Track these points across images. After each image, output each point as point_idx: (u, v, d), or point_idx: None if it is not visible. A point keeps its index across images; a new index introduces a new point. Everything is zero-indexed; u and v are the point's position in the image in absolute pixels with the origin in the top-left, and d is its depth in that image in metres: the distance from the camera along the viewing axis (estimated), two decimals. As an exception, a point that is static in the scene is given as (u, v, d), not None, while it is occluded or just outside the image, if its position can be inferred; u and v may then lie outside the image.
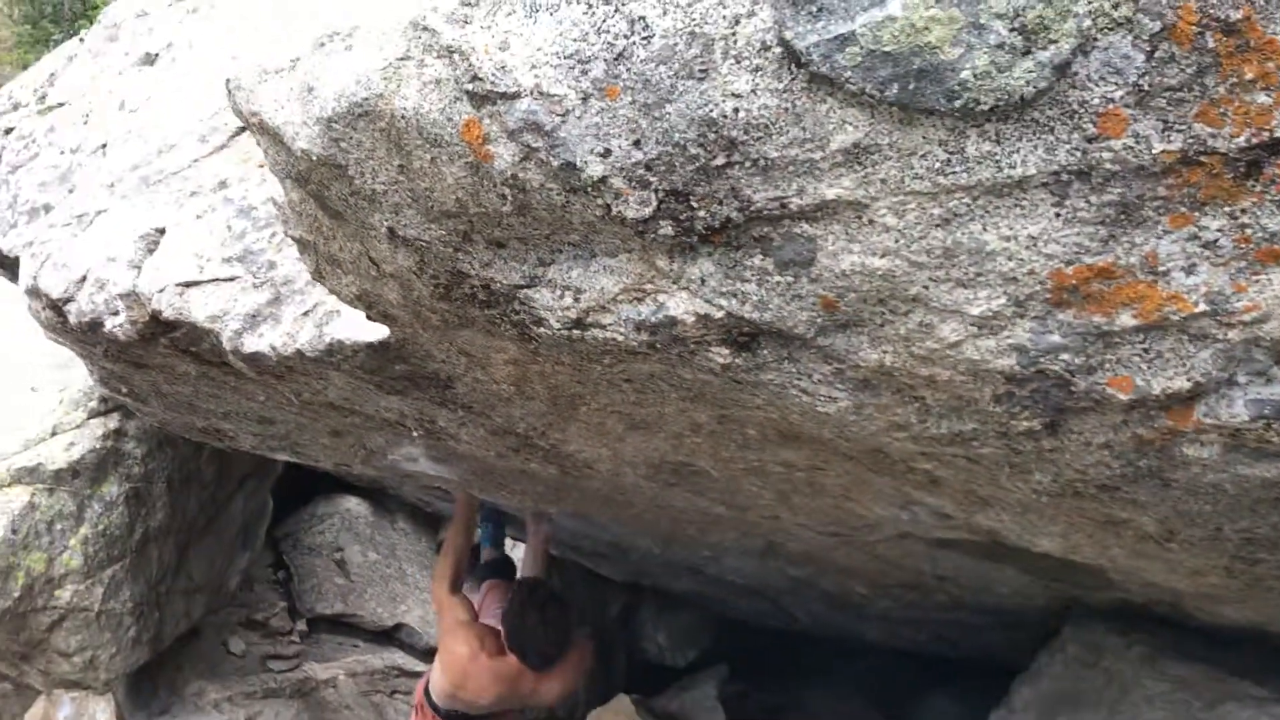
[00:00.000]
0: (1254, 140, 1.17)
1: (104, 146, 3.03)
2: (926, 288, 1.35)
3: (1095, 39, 1.16)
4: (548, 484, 3.11)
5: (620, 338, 1.54)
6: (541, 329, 1.60)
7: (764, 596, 5.57)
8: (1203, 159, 1.19)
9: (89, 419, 4.65)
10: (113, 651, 4.61)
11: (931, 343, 1.41)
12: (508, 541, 5.58)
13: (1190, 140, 1.19)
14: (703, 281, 1.43)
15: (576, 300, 1.53)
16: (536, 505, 3.71)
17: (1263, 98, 1.15)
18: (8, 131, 3.84)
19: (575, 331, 1.57)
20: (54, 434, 4.58)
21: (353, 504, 6.55)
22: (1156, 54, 1.15)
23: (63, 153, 3.48)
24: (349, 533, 6.45)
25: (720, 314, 1.45)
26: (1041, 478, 1.69)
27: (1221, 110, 1.17)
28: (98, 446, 4.57)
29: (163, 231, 2.54)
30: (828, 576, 4.25)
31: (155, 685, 5.11)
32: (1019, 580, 3.65)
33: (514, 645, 3.75)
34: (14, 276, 3.42)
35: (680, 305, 1.47)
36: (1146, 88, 1.17)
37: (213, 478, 5.14)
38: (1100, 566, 2.71)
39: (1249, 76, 1.14)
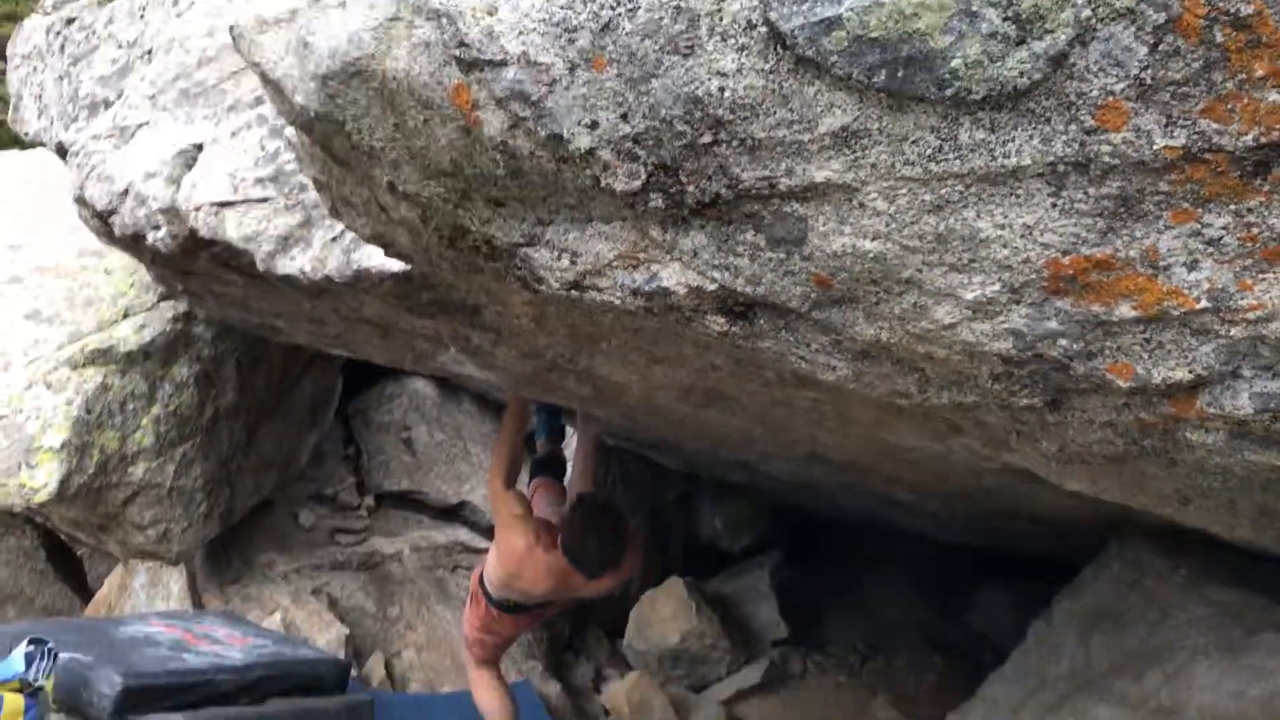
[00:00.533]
0: (1263, 139, 1.10)
1: (149, 53, 3.04)
2: (920, 271, 1.31)
3: (1094, 30, 1.09)
4: (588, 397, 3.14)
5: (617, 301, 1.54)
6: (542, 286, 1.60)
7: (815, 491, 5.61)
8: (1207, 156, 1.13)
9: (159, 302, 4.76)
10: (185, 525, 4.83)
11: (926, 323, 1.38)
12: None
13: (1195, 136, 1.12)
14: (695, 254, 1.41)
15: (573, 263, 1.52)
16: (583, 408, 3.75)
17: (1273, 96, 1.08)
18: (70, 21, 3.86)
19: (574, 292, 1.56)
20: (126, 316, 4.71)
21: (420, 385, 6.67)
22: (1160, 47, 1.08)
23: (120, 46, 3.50)
24: (416, 412, 6.60)
25: (713, 286, 1.44)
26: (1049, 446, 1.67)
27: (1229, 107, 1.10)
28: (168, 329, 4.70)
29: (200, 148, 2.56)
30: (874, 483, 4.26)
31: (228, 556, 5.35)
32: (1060, 498, 3.62)
33: (571, 559, 3.84)
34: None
35: (673, 276, 1.45)
36: (1149, 81, 1.10)
37: (281, 360, 5.27)
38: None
39: (1259, 73, 1.07)
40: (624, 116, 1.28)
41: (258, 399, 5.18)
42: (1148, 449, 1.52)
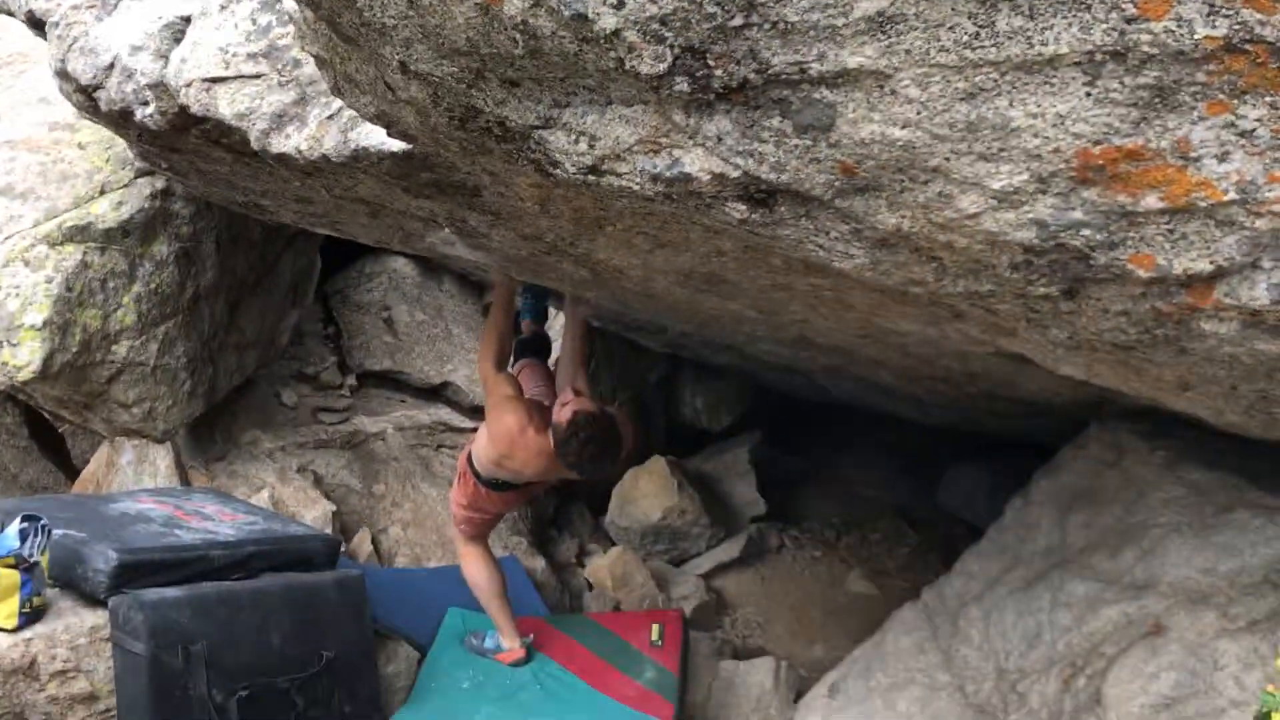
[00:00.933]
0: (1306, 30, 1.09)
1: (127, -84, 2.91)
2: (948, 159, 1.30)
3: (1144, -86, 1.06)
4: (584, 281, 3.13)
5: (636, 187, 1.52)
6: (558, 170, 1.58)
7: (798, 372, 5.66)
8: (1248, 47, 1.12)
9: (136, 178, 4.66)
10: (169, 403, 4.82)
11: (950, 212, 1.37)
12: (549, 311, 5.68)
13: (1237, 27, 1.11)
14: (719, 139, 1.39)
15: (591, 147, 1.49)
16: (575, 291, 3.74)
17: (1321, -15, 1.06)
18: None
19: (590, 177, 1.54)
20: (103, 193, 4.62)
21: (400, 264, 6.62)
22: (1209, -67, 1.06)
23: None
24: (396, 292, 6.57)
25: (737, 173, 1.42)
26: (1058, 334, 1.68)
27: (1275, -5, 1.08)
28: (146, 206, 4.61)
29: (188, 20, 2.47)
30: (859, 366, 4.30)
31: (212, 434, 5.36)
32: (1047, 379, 3.67)
33: (566, 464, 3.85)
34: (43, 34, 3.38)
35: (696, 162, 1.43)
36: (1195, -32, 1.08)
37: (260, 237, 5.21)
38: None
39: (1308, -38, 1.05)
40: (652, -4, 1.25)
41: (238, 277, 5.13)
42: (1160, 338, 1.54)
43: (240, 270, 5.13)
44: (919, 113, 1.26)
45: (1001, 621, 3.99)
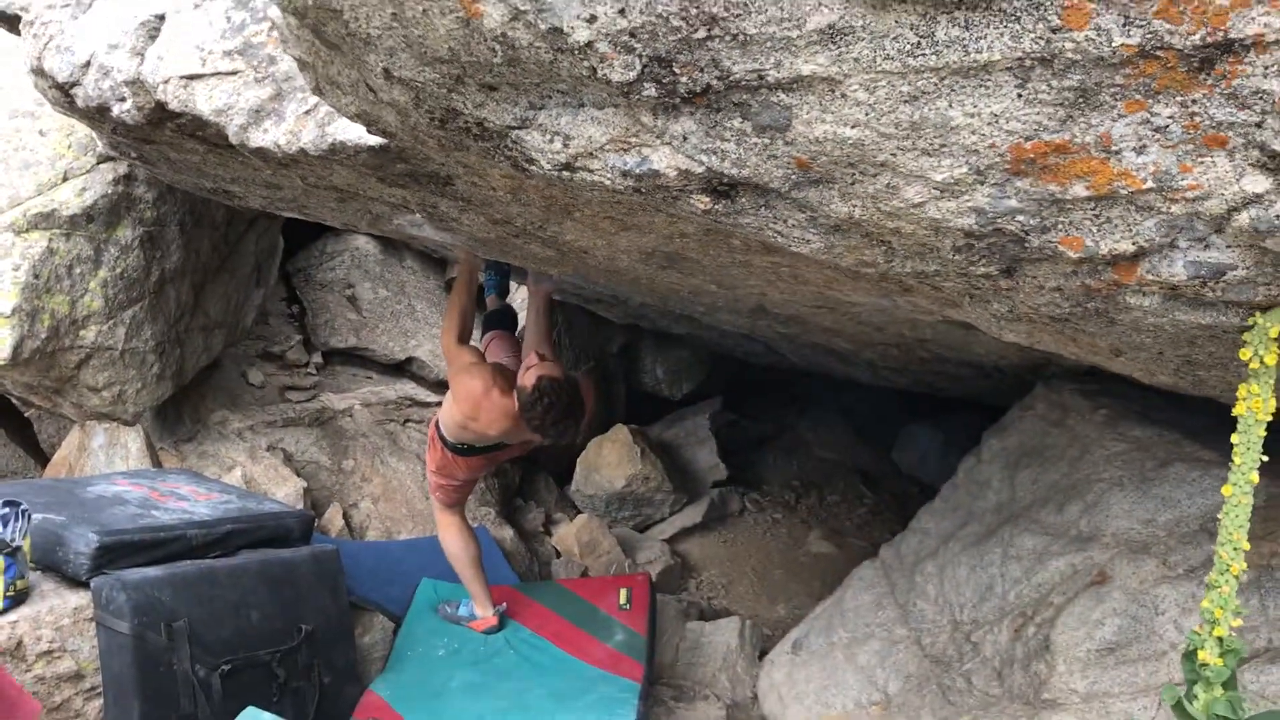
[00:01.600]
0: (1209, 39, 1.22)
1: (95, -86, 2.95)
2: (894, 155, 1.43)
3: (1064, -62, 1.19)
4: (549, 259, 3.23)
5: (607, 182, 1.63)
6: (533, 167, 1.69)
7: (756, 340, 5.80)
8: (1159, 53, 1.25)
9: (99, 164, 4.69)
10: (139, 386, 4.87)
11: (897, 202, 1.50)
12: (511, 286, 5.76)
13: (1149, 35, 1.23)
14: (685, 139, 1.51)
15: (566, 146, 1.60)
16: (539, 269, 3.84)
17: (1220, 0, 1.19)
18: None
19: (565, 173, 1.65)
20: (65, 179, 4.65)
21: (362, 242, 6.68)
22: (1122, -46, 1.19)
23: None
24: (359, 270, 6.62)
25: (701, 169, 1.54)
26: (999, 307, 1.82)
27: (1180, 9, 1.21)
28: (109, 192, 4.65)
29: (162, 18, 2.53)
30: (814, 334, 4.44)
31: (181, 415, 5.42)
32: (994, 344, 3.82)
33: (530, 427, 3.95)
34: (12, 28, 3.41)
35: (663, 159, 1.55)
36: (1110, -15, 1.21)
37: (224, 219, 5.25)
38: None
39: (1209, -21, 1.18)
40: (621, 11, 1.36)
41: (202, 260, 5.18)
42: (1090, 310, 1.68)
43: (204, 253, 5.17)
44: (867, 114, 1.38)
45: (955, 576, 4.17)
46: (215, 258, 5.29)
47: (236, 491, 4.53)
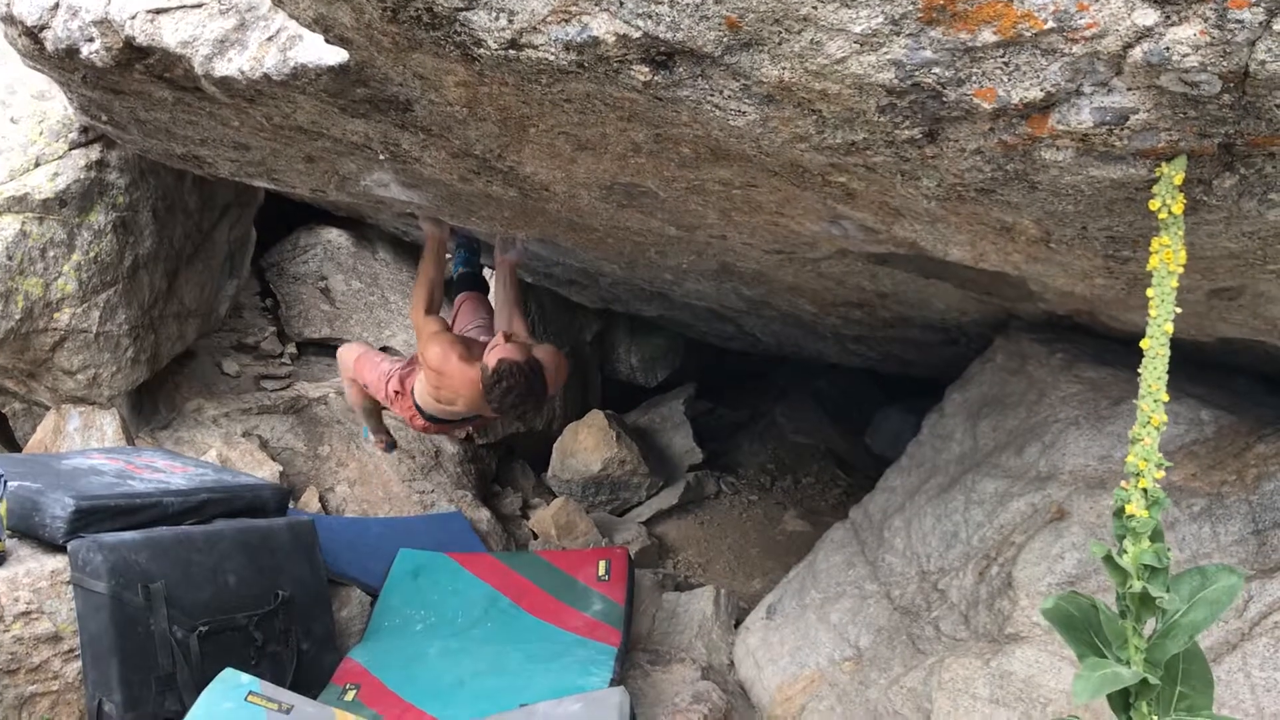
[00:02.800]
0: None
1: None
2: (815, 8, 1.52)
3: None
4: (512, 208, 3.31)
5: (551, 57, 1.72)
6: (481, 50, 1.77)
7: (725, 319, 5.89)
8: (1051, -112, 1.35)
9: (70, 150, 4.77)
10: (113, 370, 4.93)
11: (821, 59, 1.59)
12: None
13: None
14: (621, 4, 1.60)
15: (510, 22, 1.69)
16: (505, 230, 3.92)
17: None
18: None
19: (511, 52, 1.74)
20: (37, 165, 4.72)
21: (334, 235, 6.75)
22: None
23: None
24: (332, 262, 6.70)
25: (638, 34, 1.63)
26: (928, 183, 1.91)
27: None
28: (81, 177, 4.72)
29: (128, -41, 2.63)
30: (778, 296, 4.54)
31: (155, 402, 5.47)
32: (953, 295, 3.93)
33: (495, 409, 4.04)
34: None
35: (602, 26, 1.64)
36: None
37: (196, 206, 5.32)
38: (1018, 276, 2.97)
39: None
40: (555, -128, 1.45)
41: (175, 247, 5.24)
42: (1011, 174, 1.77)
43: (177, 240, 5.24)
44: (787, -35, 1.47)
45: (921, 527, 4.26)
46: (188, 245, 5.35)
47: (212, 467, 4.58)
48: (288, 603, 4.11)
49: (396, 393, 4.44)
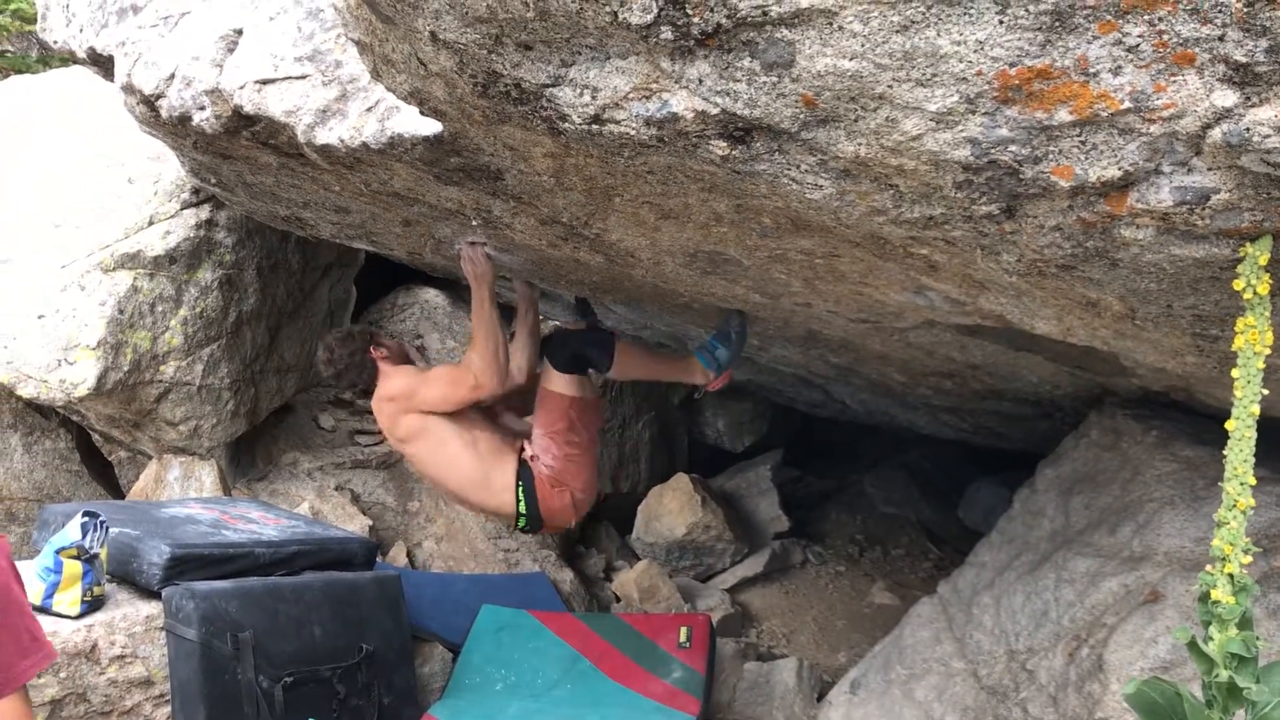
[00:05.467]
0: (1170, -45, 1.32)
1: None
2: (890, 87, 1.54)
3: None
4: (599, 273, 3.37)
5: (633, 132, 1.77)
6: (566, 124, 1.83)
7: (813, 385, 5.87)
8: (1125, -29, 1.35)
9: (182, 209, 5.00)
10: (214, 422, 5.11)
11: (897, 135, 1.61)
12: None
13: (1115, -45, 1.34)
14: (700, 81, 1.64)
15: (594, 98, 1.75)
16: (590, 294, 3.99)
17: (1178, -84, 1.30)
18: (94, -68, 4.03)
19: (594, 126, 1.79)
20: (151, 223, 4.95)
21: (431, 295, 6.90)
22: (1084, -124, 1.30)
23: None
24: (428, 321, 6.84)
25: (716, 110, 1.67)
26: (1008, 258, 1.91)
27: (1143, -73, 1.32)
28: (191, 235, 4.94)
29: (240, 32, 2.78)
30: (866, 364, 4.52)
31: (253, 456, 5.64)
32: (1045, 368, 3.87)
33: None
34: (107, 74, 3.69)
35: (682, 102, 1.68)
36: (1076, -93, 1.32)
37: (299, 265, 5.52)
38: (1109, 351, 2.92)
39: (1166, -104, 1.29)
40: (637, -44, 1.51)
41: (278, 304, 5.43)
42: (1091, 250, 1.76)
43: (280, 297, 5.42)
44: (863, 45, 1.50)
45: (1011, 604, 4.16)
46: (290, 303, 5.54)
47: (304, 519, 4.69)
48: (371, 656, 4.16)
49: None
